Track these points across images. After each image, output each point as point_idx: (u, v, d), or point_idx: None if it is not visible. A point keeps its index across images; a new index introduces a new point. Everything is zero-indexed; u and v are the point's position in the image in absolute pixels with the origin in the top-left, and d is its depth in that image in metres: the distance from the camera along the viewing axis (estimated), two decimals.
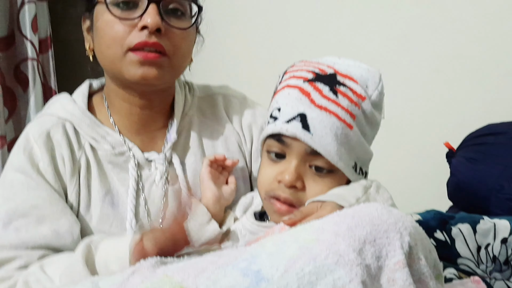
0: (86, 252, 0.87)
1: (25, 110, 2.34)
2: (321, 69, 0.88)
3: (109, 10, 0.96)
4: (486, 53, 1.67)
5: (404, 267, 0.64)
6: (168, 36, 0.97)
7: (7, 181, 1.00)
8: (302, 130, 0.83)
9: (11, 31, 2.33)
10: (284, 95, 0.87)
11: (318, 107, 0.84)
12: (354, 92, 0.86)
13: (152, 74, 0.97)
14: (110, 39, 0.97)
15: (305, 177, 0.86)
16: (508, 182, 1.25)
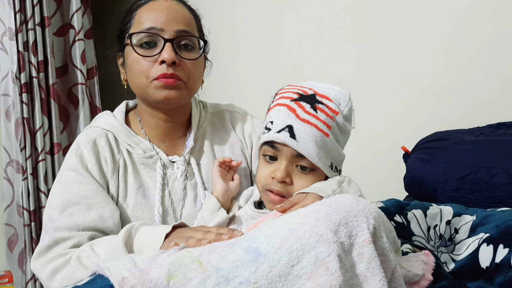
0: (127, 236, 0.87)
1: (76, 123, 2.35)
2: (304, 91, 0.88)
3: (135, 50, 0.98)
4: (432, 78, 1.68)
5: (370, 244, 0.64)
6: (182, 66, 0.98)
7: (63, 177, 1.01)
8: (289, 138, 0.83)
9: (65, 62, 2.34)
10: (276, 111, 0.87)
11: (302, 120, 0.84)
12: (329, 108, 0.86)
13: (173, 95, 0.99)
14: (138, 72, 0.99)
15: (293, 174, 0.86)
16: (451, 177, 1.25)
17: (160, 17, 0.98)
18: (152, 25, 0.97)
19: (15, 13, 2.15)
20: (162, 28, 0.97)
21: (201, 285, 0.61)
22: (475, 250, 0.89)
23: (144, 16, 0.99)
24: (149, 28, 0.97)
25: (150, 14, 0.99)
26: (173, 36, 0.97)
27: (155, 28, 0.97)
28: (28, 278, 2.16)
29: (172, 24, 0.98)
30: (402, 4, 1.73)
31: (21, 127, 2.16)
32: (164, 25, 0.97)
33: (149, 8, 1.00)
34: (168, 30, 0.97)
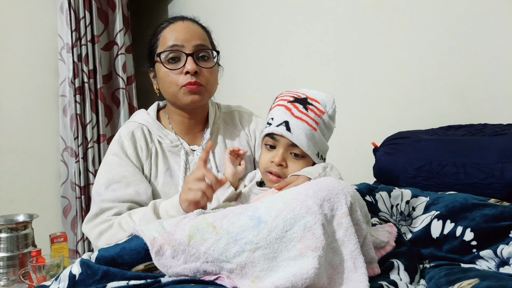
0: (153, 207, 0.89)
1: (117, 119, 2.35)
2: (298, 95, 0.88)
3: (164, 65, 0.98)
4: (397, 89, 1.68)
5: (347, 216, 0.65)
6: (202, 74, 0.99)
7: (108, 160, 1.01)
8: (286, 131, 0.84)
9: (110, 71, 2.34)
10: (276, 110, 0.87)
11: (296, 117, 0.84)
12: (318, 109, 0.86)
13: (197, 98, 0.99)
14: (169, 83, 0.99)
15: (288, 160, 0.86)
16: (410, 167, 1.24)
17: (180, 36, 0.98)
18: (174, 43, 0.97)
19: (72, 31, 2.15)
20: (182, 45, 0.97)
21: (215, 244, 0.61)
22: (428, 224, 0.89)
23: (167, 37, 0.99)
24: (172, 45, 0.97)
25: (172, 34, 0.99)
26: (192, 50, 0.97)
27: (177, 45, 0.97)
28: (79, 239, 2.17)
29: (190, 41, 0.98)
30: (374, 31, 1.73)
31: (75, 121, 2.16)
32: (184, 42, 0.97)
33: (171, 29, 1.00)
34: (188, 46, 0.97)
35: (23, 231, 1.24)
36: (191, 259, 0.61)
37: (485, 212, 0.85)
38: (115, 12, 2.33)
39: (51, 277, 0.99)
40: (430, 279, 0.73)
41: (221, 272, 0.61)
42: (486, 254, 0.81)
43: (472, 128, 1.35)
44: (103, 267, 0.63)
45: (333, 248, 0.63)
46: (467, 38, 1.49)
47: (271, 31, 2.09)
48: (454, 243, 0.84)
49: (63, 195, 2.19)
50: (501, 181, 1.08)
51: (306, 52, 1.96)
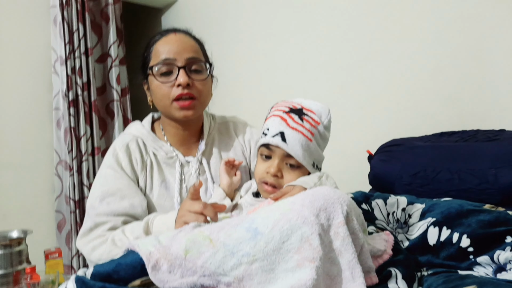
0: (145, 228, 0.88)
1: (112, 131, 2.34)
2: (294, 105, 0.88)
3: (156, 79, 0.98)
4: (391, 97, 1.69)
5: (344, 225, 0.65)
6: (194, 86, 0.98)
7: (102, 173, 1.00)
8: (281, 142, 0.84)
9: (104, 83, 2.34)
10: (271, 120, 0.87)
11: (291, 128, 0.84)
12: (313, 119, 0.86)
13: (189, 114, 0.99)
14: (161, 96, 0.99)
15: (283, 170, 0.86)
16: (405, 174, 1.24)
17: (172, 49, 0.97)
18: (166, 56, 0.97)
19: (65, 44, 2.15)
20: (174, 58, 0.97)
21: (212, 257, 0.61)
22: (425, 231, 0.89)
23: (160, 50, 0.98)
24: (165, 59, 0.97)
25: (164, 48, 0.98)
26: (184, 63, 0.97)
27: (169, 59, 0.97)
28: (73, 254, 2.14)
29: (182, 54, 0.97)
30: (367, 39, 1.75)
31: (69, 134, 2.15)
32: (176, 55, 0.97)
33: (163, 42, 0.99)
34: (180, 58, 0.97)
35: (17, 247, 1.21)
36: (188, 273, 0.61)
37: (480, 218, 0.86)
38: (108, 24, 2.34)
39: None
40: (428, 287, 0.73)
41: (219, 285, 0.60)
42: (483, 260, 0.81)
43: (465, 134, 1.36)
44: (98, 284, 0.62)
45: (330, 258, 0.62)
46: (458, 45, 1.52)
47: (264, 41, 2.11)
48: (451, 250, 0.84)
49: (58, 209, 2.16)
50: (495, 186, 1.09)
51: (299, 61, 1.98)
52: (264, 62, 2.11)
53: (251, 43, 2.16)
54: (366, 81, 1.76)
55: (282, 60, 2.04)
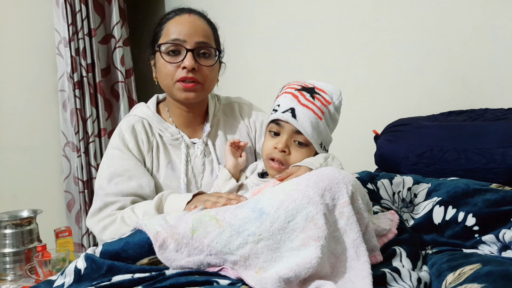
0: (158, 203, 0.88)
1: (117, 113, 2.35)
2: (306, 84, 0.88)
3: (163, 57, 0.97)
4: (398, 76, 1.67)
5: (349, 205, 0.65)
6: (200, 71, 0.97)
7: (109, 154, 1.01)
8: (291, 118, 0.84)
9: (108, 65, 2.32)
10: (283, 97, 0.87)
11: (302, 105, 0.84)
12: (324, 99, 0.86)
13: (191, 96, 0.98)
14: (165, 74, 0.98)
15: (291, 147, 0.86)
16: (411, 153, 1.24)
17: (183, 30, 0.96)
18: (176, 37, 0.96)
19: (68, 25, 2.13)
20: (184, 40, 0.95)
21: (218, 237, 0.61)
22: (430, 210, 0.89)
23: (171, 29, 0.97)
24: (174, 39, 0.96)
25: (175, 27, 0.97)
26: (193, 47, 0.96)
27: (179, 40, 0.96)
28: (83, 233, 2.19)
29: (193, 37, 0.96)
30: (374, 17, 1.71)
31: (75, 116, 2.16)
32: (187, 37, 0.95)
33: (175, 22, 0.98)
34: (190, 41, 0.96)
35: (28, 226, 1.25)
36: (194, 252, 0.62)
37: (486, 197, 0.86)
38: (111, 4, 2.30)
39: (57, 271, 1.00)
40: (433, 265, 0.73)
41: (225, 264, 0.61)
42: (488, 239, 0.81)
43: (473, 113, 1.35)
44: (108, 261, 0.64)
45: (335, 237, 0.63)
46: (467, 22, 1.48)
47: (270, 20, 2.07)
48: (456, 228, 0.84)
49: (67, 189, 2.20)
50: (503, 166, 1.08)
51: (304, 41, 1.94)
52: (269, 42, 2.07)
53: (256, 23, 2.13)
54: (372, 60, 1.73)
55: (287, 40, 2.00)
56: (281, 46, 2.02)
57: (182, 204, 0.83)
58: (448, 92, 1.54)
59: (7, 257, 1.20)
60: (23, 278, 1.18)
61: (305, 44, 1.94)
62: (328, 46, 1.86)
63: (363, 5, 1.73)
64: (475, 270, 0.63)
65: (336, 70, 1.84)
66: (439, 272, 0.69)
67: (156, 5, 2.60)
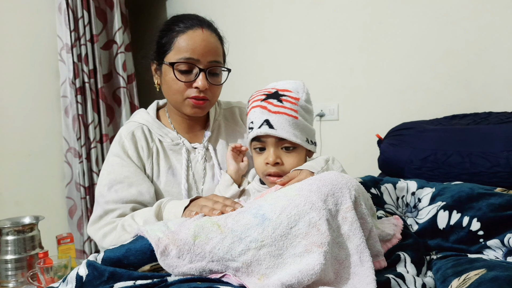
0: (157, 210, 0.88)
1: (119, 118, 2.35)
2: (268, 91, 0.88)
3: (175, 74, 0.96)
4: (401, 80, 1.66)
5: (352, 210, 0.65)
6: (210, 89, 0.98)
7: (109, 162, 1.01)
8: (269, 129, 0.84)
9: (110, 70, 2.33)
10: (252, 113, 0.87)
11: (274, 112, 0.84)
12: (291, 97, 0.86)
13: (199, 112, 1.00)
14: (174, 90, 0.98)
15: (281, 156, 0.86)
16: (415, 158, 1.24)
17: (197, 49, 0.95)
18: (190, 56, 0.95)
19: (70, 31, 2.14)
20: (198, 59, 0.95)
21: (220, 243, 0.61)
22: (434, 215, 0.89)
23: (183, 46, 0.95)
24: (188, 58, 0.95)
25: (189, 45, 0.95)
26: (206, 67, 0.95)
27: (192, 59, 0.95)
28: (85, 239, 2.19)
29: (206, 56, 0.95)
30: (377, 20, 1.71)
31: (77, 122, 2.17)
32: (200, 56, 0.95)
33: (188, 38, 0.96)
34: (203, 61, 0.95)
35: (30, 233, 1.25)
36: (196, 258, 0.61)
37: (491, 202, 0.85)
38: (113, 10, 2.32)
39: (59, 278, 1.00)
40: (437, 271, 0.73)
41: (227, 270, 0.61)
42: (493, 243, 0.81)
43: (477, 117, 1.34)
44: (109, 268, 0.63)
45: (338, 243, 0.63)
46: (470, 25, 1.48)
47: (271, 24, 2.08)
48: (460, 233, 0.84)
49: (68, 196, 2.20)
50: (507, 169, 1.07)
51: (308, 44, 1.95)
52: (271, 45, 2.08)
53: (258, 26, 2.13)
54: (375, 63, 1.74)
55: (290, 44, 2.01)
56: (284, 50, 2.03)
57: (179, 210, 0.83)
58: (452, 95, 1.54)
59: (9, 263, 1.20)
60: (25, 285, 1.18)
61: (307, 48, 1.94)
62: (330, 50, 1.87)
63: (365, 8, 1.74)
64: (480, 275, 0.63)
65: (339, 74, 1.85)
66: (444, 277, 0.69)
67: (158, 11, 2.62)
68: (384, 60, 1.70)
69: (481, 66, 1.46)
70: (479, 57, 1.47)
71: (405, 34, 1.64)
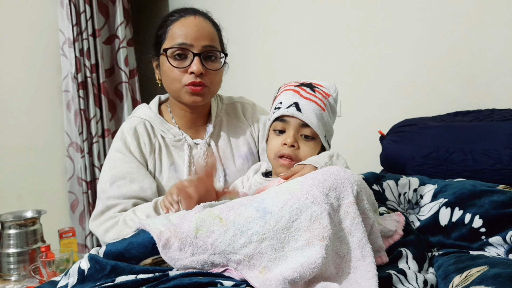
0: (155, 206, 0.90)
1: (121, 113, 2.36)
2: (303, 82, 0.91)
3: (169, 61, 0.96)
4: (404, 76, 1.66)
5: (354, 204, 0.65)
6: (207, 75, 0.97)
7: (111, 157, 1.01)
8: (297, 111, 0.85)
9: (112, 65, 2.34)
10: (284, 94, 0.89)
11: (305, 98, 0.86)
12: (324, 91, 0.89)
13: (198, 99, 0.99)
14: (171, 79, 0.98)
15: (299, 141, 0.87)
16: (417, 154, 1.23)
17: (190, 34, 0.95)
18: (183, 41, 0.95)
19: (73, 26, 2.14)
20: (191, 44, 0.95)
21: (222, 236, 0.61)
22: (436, 212, 0.88)
23: (177, 32, 0.96)
24: (181, 43, 0.95)
25: (182, 31, 0.96)
26: (200, 51, 0.95)
27: (185, 44, 0.95)
28: (87, 233, 2.20)
29: (200, 40, 0.95)
30: (380, 16, 1.70)
31: (79, 116, 2.17)
32: (193, 41, 0.95)
33: (181, 24, 0.97)
34: (196, 45, 0.95)
35: (32, 227, 1.25)
36: (198, 251, 0.62)
37: (493, 199, 0.85)
38: (115, 5, 2.31)
39: (61, 272, 1.01)
40: (439, 267, 0.73)
41: (229, 263, 0.61)
42: (495, 240, 0.81)
43: (480, 114, 1.34)
44: (111, 262, 0.64)
45: (340, 237, 0.63)
46: (473, 21, 1.47)
47: (274, 19, 2.07)
48: (462, 230, 0.84)
49: (70, 190, 2.21)
50: (510, 166, 1.07)
51: (310, 40, 1.94)
52: (273, 42, 2.07)
53: (260, 22, 2.13)
54: (377, 60, 1.73)
55: (291, 39, 2.00)
56: (285, 46, 2.02)
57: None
58: (455, 92, 1.53)
59: (11, 257, 1.21)
60: (27, 279, 1.18)
61: (310, 44, 1.93)
62: (333, 46, 1.86)
63: (368, 5, 1.73)
64: (482, 272, 0.63)
65: (341, 70, 1.84)
66: (445, 274, 0.69)
67: (160, 5, 2.61)
68: (387, 56, 1.70)
69: (485, 63, 1.46)
70: (482, 54, 1.46)
71: (408, 30, 1.63)
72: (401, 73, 1.67)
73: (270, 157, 0.91)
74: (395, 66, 1.68)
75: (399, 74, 1.68)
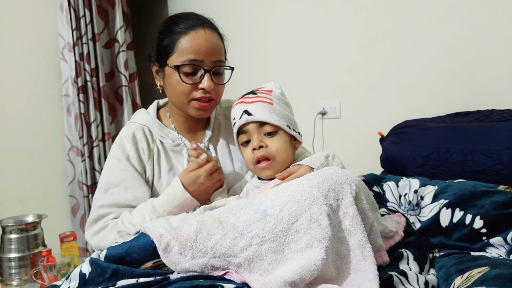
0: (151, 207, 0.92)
1: (121, 117, 2.36)
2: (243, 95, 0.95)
3: (180, 76, 0.95)
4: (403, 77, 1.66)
5: (353, 205, 0.65)
6: (215, 89, 0.97)
7: (108, 163, 1.01)
8: (248, 116, 0.89)
9: (112, 69, 2.34)
10: (233, 111, 0.95)
11: (250, 103, 0.90)
12: (265, 90, 0.94)
13: (205, 114, 1.01)
14: (180, 93, 0.97)
15: (265, 140, 0.89)
16: (418, 156, 1.23)
17: (201, 50, 0.94)
18: (194, 57, 0.94)
19: (72, 30, 2.15)
20: (202, 60, 0.94)
21: (222, 239, 0.62)
22: (437, 213, 0.89)
23: (187, 47, 0.94)
24: (192, 60, 0.94)
25: (192, 47, 0.94)
26: (210, 67, 0.95)
27: (197, 60, 0.94)
28: None
29: (210, 56, 0.95)
30: (378, 18, 1.71)
31: (79, 120, 2.17)
32: (204, 57, 0.94)
33: (191, 39, 0.95)
34: (207, 61, 0.95)
35: (33, 231, 1.25)
36: (198, 254, 0.62)
37: (494, 199, 0.85)
38: (114, 9, 2.32)
39: (63, 276, 1.01)
40: (440, 268, 0.73)
41: (229, 266, 0.61)
42: (496, 241, 0.81)
43: (480, 115, 1.34)
44: (112, 266, 0.64)
45: (340, 238, 0.63)
46: (472, 23, 1.47)
47: (273, 22, 2.08)
48: (463, 231, 0.84)
49: (71, 194, 2.21)
50: (510, 167, 1.07)
51: (308, 43, 1.94)
52: (272, 43, 2.08)
53: (259, 24, 2.13)
54: (377, 61, 1.73)
55: (291, 41, 2.00)
56: (285, 48, 2.03)
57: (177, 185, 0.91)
58: (454, 93, 1.54)
59: (13, 262, 1.21)
60: (29, 283, 1.18)
61: (309, 45, 1.94)
62: (332, 48, 1.86)
63: (367, 6, 1.74)
64: (483, 273, 0.63)
65: (341, 72, 1.84)
66: (446, 275, 0.69)
67: (160, 9, 2.62)
68: (386, 57, 1.70)
69: (484, 63, 1.46)
70: (481, 54, 1.46)
71: (407, 32, 1.63)
72: (401, 74, 1.67)
73: (250, 168, 0.93)
74: (395, 68, 1.69)
75: (398, 76, 1.68)
